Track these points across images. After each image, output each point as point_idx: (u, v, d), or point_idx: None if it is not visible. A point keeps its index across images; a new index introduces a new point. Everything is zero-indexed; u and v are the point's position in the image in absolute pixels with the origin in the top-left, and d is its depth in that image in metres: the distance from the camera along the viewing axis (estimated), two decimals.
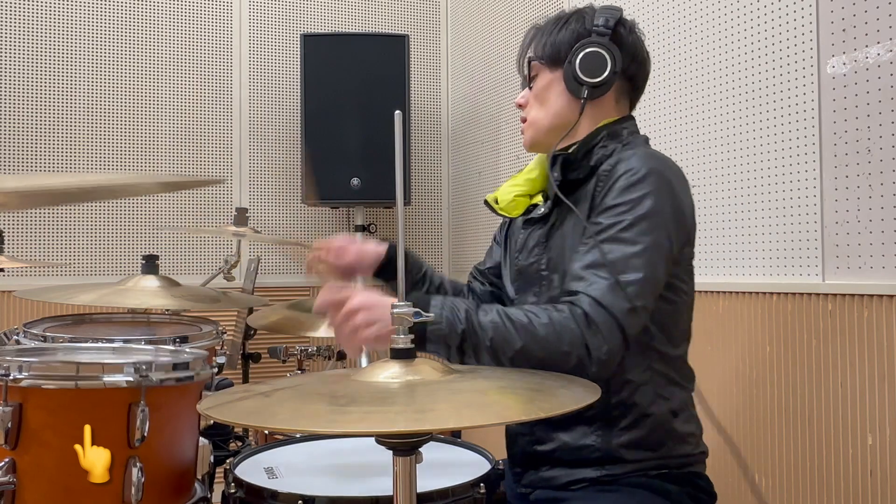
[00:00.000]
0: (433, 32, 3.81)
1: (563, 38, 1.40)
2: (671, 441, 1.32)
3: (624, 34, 1.40)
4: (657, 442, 1.32)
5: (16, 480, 1.24)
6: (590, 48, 1.37)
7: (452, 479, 1.24)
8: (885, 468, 1.64)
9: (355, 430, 0.92)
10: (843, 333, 1.73)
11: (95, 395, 1.29)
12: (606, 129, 1.38)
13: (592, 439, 1.31)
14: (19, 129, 3.16)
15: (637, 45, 1.43)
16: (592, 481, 1.31)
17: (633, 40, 1.42)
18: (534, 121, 1.45)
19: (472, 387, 0.99)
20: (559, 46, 1.40)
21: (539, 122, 1.44)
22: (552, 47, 1.42)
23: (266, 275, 3.44)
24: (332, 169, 3.25)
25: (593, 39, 1.37)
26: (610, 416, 1.31)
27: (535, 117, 1.45)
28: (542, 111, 1.44)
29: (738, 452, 2.00)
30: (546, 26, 1.46)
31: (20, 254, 3.13)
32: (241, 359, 2.74)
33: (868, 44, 1.68)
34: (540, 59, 1.44)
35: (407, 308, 1.02)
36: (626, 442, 1.31)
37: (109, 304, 2.06)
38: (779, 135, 1.90)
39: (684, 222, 1.31)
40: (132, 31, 3.32)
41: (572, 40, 1.39)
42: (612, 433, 1.31)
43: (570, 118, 1.40)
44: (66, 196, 1.44)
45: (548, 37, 1.43)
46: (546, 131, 1.43)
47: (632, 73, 1.42)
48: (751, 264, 1.97)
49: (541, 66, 1.44)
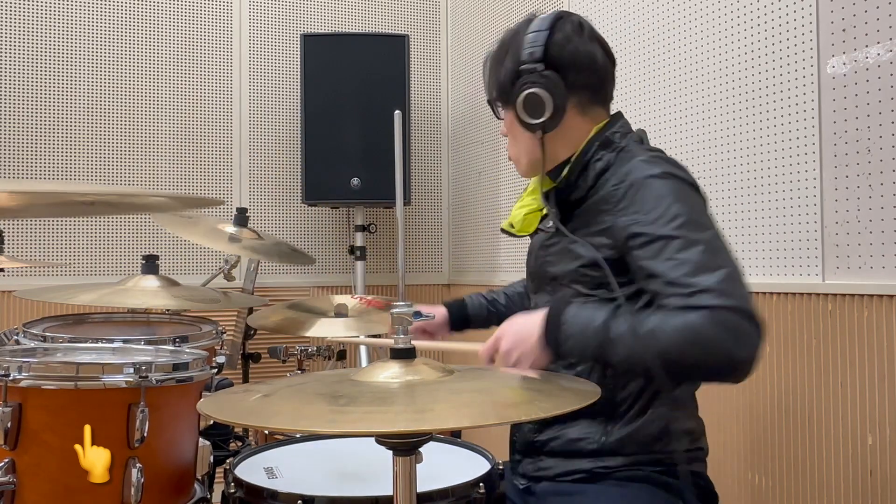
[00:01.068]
0: (433, 32, 3.81)
1: (504, 79, 1.39)
2: (667, 437, 1.33)
3: (556, 53, 1.34)
4: (653, 437, 1.32)
5: (16, 480, 1.24)
6: (525, 90, 1.34)
7: (452, 479, 1.24)
8: (885, 468, 1.64)
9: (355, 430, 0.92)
10: (843, 333, 1.73)
11: (95, 395, 1.29)
12: (597, 140, 1.37)
13: (592, 432, 1.33)
14: (19, 129, 3.15)
15: (576, 53, 1.36)
16: (587, 473, 1.32)
17: (572, 50, 1.36)
18: (515, 158, 1.48)
19: (472, 387, 1.00)
20: (503, 87, 1.40)
21: (518, 159, 1.47)
22: (498, 90, 1.42)
23: (266, 275, 3.44)
24: (332, 169, 3.25)
25: (526, 79, 1.34)
26: (615, 411, 1.33)
27: (514, 154, 1.48)
28: (516, 148, 1.46)
29: (738, 452, 2.00)
30: (491, 63, 1.44)
31: (20, 254, 3.13)
32: (241, 359, 2.74)
33: (868, 44, 1.68)
34: (495, 101, 1.45)
35: (406, 308, 1.02)
36: (623, 435, 1.32)
37: (109, 304, 2.06)
38: (779, 135, 1.90)
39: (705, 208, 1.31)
40: (132, 31, 3.32)
41: (511, 79, 1.37)
42: (613, 427, 1.32)
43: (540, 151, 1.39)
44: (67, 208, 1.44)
45: (493, 77, 1.43)
46: (527, 166, 1.46)
47: (582, 83, 1.37)
48: (751, 264, 1.97)
49: (499, 106, 1.46)
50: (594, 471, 1.32)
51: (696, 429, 1.40)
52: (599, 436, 1.32)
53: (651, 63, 2.30)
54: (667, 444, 1.32)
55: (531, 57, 1.34)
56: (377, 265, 3.64)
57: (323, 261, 3.58)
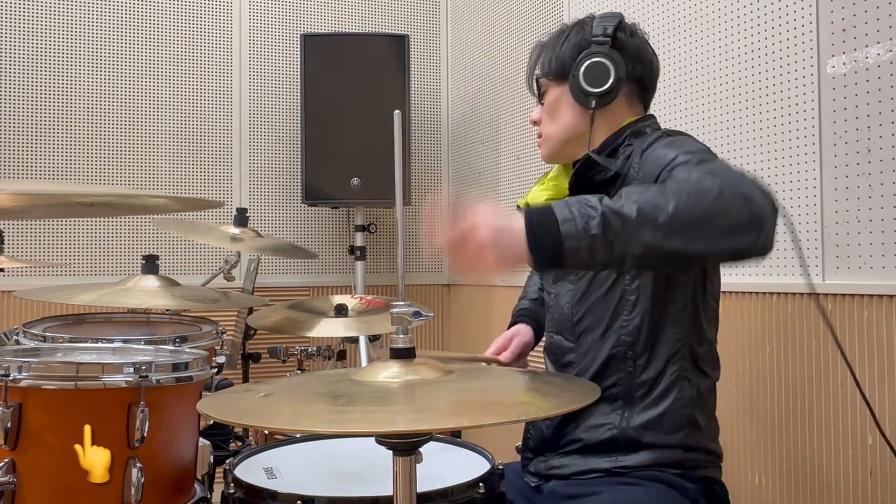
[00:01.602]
0: (433, 32, 3.81)
1: (566, 52, 1.43)
2: (688, 427, 1.32)
3: (624, 38, 1.42)
4: (674, 425, 1.31)
5: (16, 480, 1.24)
6: (592, 59, 1.39)
7: (452, 479, 1.24)
8: (885, 468, 1.64)
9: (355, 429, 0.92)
10: (843, 333, 1.73)
11: (95, 395, 1.29)
12: (630, 128, 1.41)
13: (612, 418, 1.33)
14: (19, 129, 3.16)
15: (639, 47, 1.45)
16: (604, 472, 1.32)
17: (635, 43, 1.44)
18: (548, 135, 1.49)
19: (472, 387, 1.00)
20: (563, 60, 1.44)
21: (553, 136, 1.48)
22: (556, 62, 1.45)
23: (266, 275, 3.44)
24: (332, 169, 3.25)
25: (594, 50, 1.40)
26: (633, 395, 1.33)
27: (549, 132, 1.48)
28: (555, 125, 1.47)
29: (738, 452, 2.00)
30: (549, 42, 1.49)
31: (20, 254, 3.13)
32: (241, 359, 2.74)
33: (868, 44, 1.68)
34: (547, 75, 1.48)
35: (406, 308, 1.02)
36: (643, 422, 1.31)
37: (109, 304, 2.06)
38: (779, 135, 1.90)
39: None
40: (132, 31, 3.32)
41: (574, 53, 1.42)
42: (632, 412, 1.32)
43: (582, 129, 1.43)
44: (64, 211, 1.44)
45: (551, 52, 1.46)
46: (561, 144, 1.47)
47: (638, 75, 1.44)
48: (751, 264, 1.97)
49: (548, 82, 1.48)
50: (612, 470, 1.31)
51: (715, 428, 1.40)
52: (619, 421, 1.32)
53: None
54: (688, 435, 1.32)
55: (602, 32, 1.40)
56: (377, 265, 3.64)
57: (323, 261, 3.58)
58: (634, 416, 1.32)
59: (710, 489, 1.34)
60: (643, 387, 1.33)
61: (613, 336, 1.35)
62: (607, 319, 1.36)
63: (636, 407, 1.32)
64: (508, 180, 3.20)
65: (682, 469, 1.32)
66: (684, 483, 1.31)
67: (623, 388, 1.33)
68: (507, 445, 1.51)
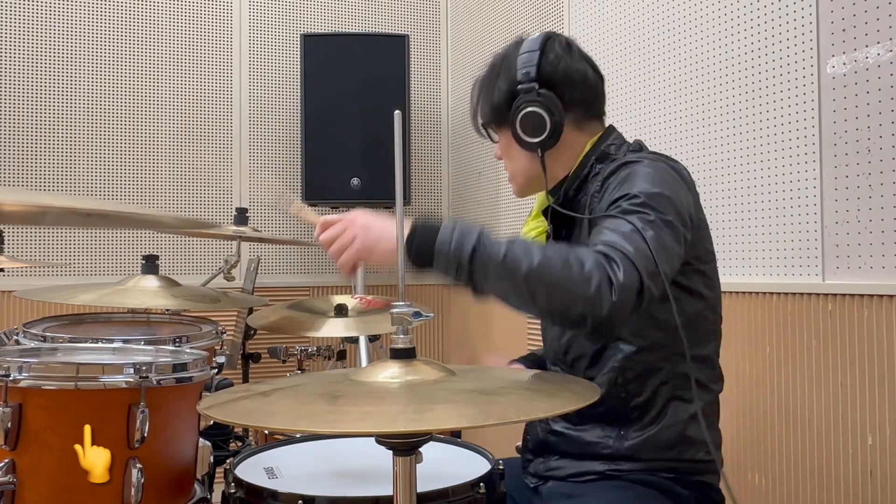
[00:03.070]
0: (433, 32, 3.81)
1: (499, 101, 1.40)
2: (683, 444, 1.32)
3: (550, 70, 1.36)
4: (668, 444, 1.31)
5: (16, 480, 1.24)
6: (524, 110, 1.35)
7: (452, 479, 1.24)
8: (885, 468, 1.64)
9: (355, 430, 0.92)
10: (843, 333, 1.73)
11: (95, 395, 1.29)
12: (594, 155, 1.39)
13: (607, 437, 1.33)
14: (19, 129, 3.15)
15: (568, 69, 1.38)
16: (599, 475, 1.32)
17: (563, 67, 1.37)
18: (512, 175, 1.49)
19: (472, 387, 0.99)
20: (498, 110, 1.41)
21: (516, 178, 1.48)
22: (493, 111, 1.43)
23: (266, 275, 3.44)
24: (332, 169, 3.25)
25: (524, 99, 1.35)
26: (628, 418, 1.32)
27: (512, 173, 1.49)
28: (514, 167, 1.47)
29: (738, 452, 2.00)
30: (484, 84, 1.45)
31: (20, 254, 3.13)
32: (241, 359, 2.74)
33: (868, 44, 1.68)
34: (489, 124, 1.46)
35: (406, 308, 1.01)
36: (638, 442, 1.31)
37: (109, 304, 2.06)
38: (779, 135, 1.90)
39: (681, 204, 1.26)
40: (132, 31, 3.32)
41: (507, 102, 1.38)
42: (627, 433, 1.32)
43: (538, 170, 1.40)
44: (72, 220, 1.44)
45: (486, 100, 1.44)
46: (525, 185, 1.48)
47: (577, 100, 1.39)
48: (751, 264, 1.97)
49: (494, 129, 1.47)
50: (606, 472, 1.32)
51: (716, 439, 1.39)
52: (614, 441, 1.32)
53: (651, 63, 2.30)
54: (682, 451, 1.32)
55: (526, 77, 1.35)
56: (377, 265, 3.64)
57: (323, 261, 3.58)
58: (630, 435, 1.32)
59: (705, 494, 1.34)
60: (637, 410, 1.32)
61: (603, 364, 1.34)
62: (595, 348, 1.35)
63: (631, 428, 1.32)
64: None
65: (676, 474, 1.32)
66: (677, 488, 1.31)
67: (617, 412, 1.32)
68: (507, 445, 1.51)
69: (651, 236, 1.15)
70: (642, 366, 1.31)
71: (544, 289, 1.10)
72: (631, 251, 1.12)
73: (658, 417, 1.31)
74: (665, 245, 1.17)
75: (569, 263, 1.10)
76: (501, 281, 1.11)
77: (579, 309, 1.09)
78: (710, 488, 1.36)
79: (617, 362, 1.32)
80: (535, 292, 1.10)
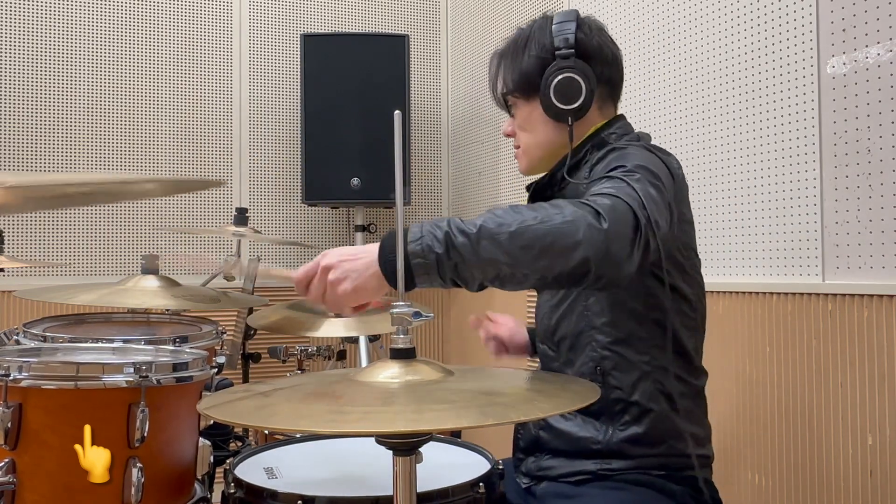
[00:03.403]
0: (433, 32, 3.81)
1: (530, 68, 1.38)
2: (672, 439, 1.32)
3: (587, 42, 1.36)
4: (658, 439, 1.31)
5: (16, 480, 1.24)
6: (560, 75, 1.34)
7: (452, 479, 1.24)
8: (885, 468, 1.64)
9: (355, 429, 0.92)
10: (843, 333, 1.73)
11: (95, 395, 1.29)
12: (591, 141, 1.38)
13: (596, 433, 1.32)
14: (19, 128, 3.16)
15: (603, 46, 1.39)
16: (591, 475, 1.32)
17: (598, 43, 1.38)
18: (527, 149, 1.45)
19: (472, 387, 0.99)
20: (528, 77, 1.39)
21: (532, 150, 1.45)
22: (521, 78, 1.40)
23: None
24: (332, 169, 3.25)
25: (561, 64, 1.34)
26: (612, 411, 1.32)
27: (528, 146, 1.45)
28: (533, 140, 1.44)
29: (738, 452, 2.00)
30: (508, 52, 1.43)
31: (20, 254, 3.13)
32: (241, 359, 2.74)
33: (868, 44, 1.68)
34: (513, 92, 1.43)
35: (406, 308, 1.01)
36: (627, 437, 1.31)
37: (109, 304, 2.05)
38: (779, 135, 1.90)
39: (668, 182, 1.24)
40: (132, 31, 3.32)
41: (539, 68, 1.37)
42: (615, 428, 1.32)
43: (561, 142, 1.39)
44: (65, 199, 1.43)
45: (514, 67, 1.41)
46: (540, 158, 1.45)
47: (607, 77, 1.40)
48: (751, 264, 1.97)
49: (516, 98, 1.43)
50: (598, 472, 1.31)
51: (702, 434, 1.38)
52: (603, 436, 1.32)
53: (651, 63, 2.30)
54: (670, 447, 1.32)
55: (565, 43, 1.34)
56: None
57: None
58: (617, 431, 1.31)
59: (697, 489, 1.34)
60: (619, 403, 1.31)
61: (583, 350, 1.34)
62: (576, 332, 1.36)
63: (616, 423, 1.32)
64: (508, 180, 3.20)
65: (668, 471, 1.32)
66: (670, 485, 1.31)
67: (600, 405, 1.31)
68: (507, 445, 1.51)
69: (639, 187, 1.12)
70: (619, 357, 1.31)
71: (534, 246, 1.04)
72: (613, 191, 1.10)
73: (641, 413, 1.31)
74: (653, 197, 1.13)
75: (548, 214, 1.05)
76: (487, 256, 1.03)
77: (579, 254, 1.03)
78: (705, 483, 1.36)
79: (594, 351, 1.32)
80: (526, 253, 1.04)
